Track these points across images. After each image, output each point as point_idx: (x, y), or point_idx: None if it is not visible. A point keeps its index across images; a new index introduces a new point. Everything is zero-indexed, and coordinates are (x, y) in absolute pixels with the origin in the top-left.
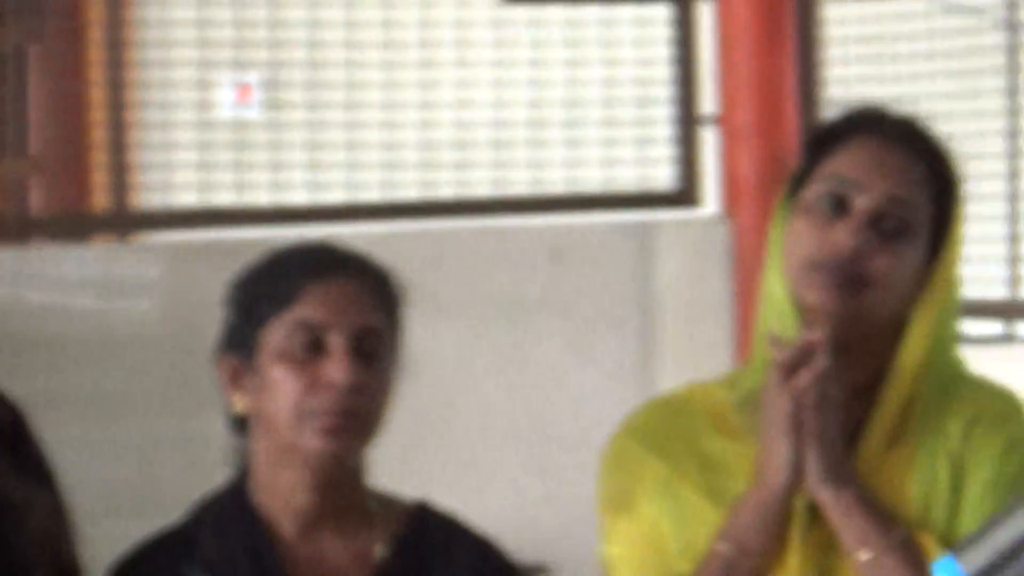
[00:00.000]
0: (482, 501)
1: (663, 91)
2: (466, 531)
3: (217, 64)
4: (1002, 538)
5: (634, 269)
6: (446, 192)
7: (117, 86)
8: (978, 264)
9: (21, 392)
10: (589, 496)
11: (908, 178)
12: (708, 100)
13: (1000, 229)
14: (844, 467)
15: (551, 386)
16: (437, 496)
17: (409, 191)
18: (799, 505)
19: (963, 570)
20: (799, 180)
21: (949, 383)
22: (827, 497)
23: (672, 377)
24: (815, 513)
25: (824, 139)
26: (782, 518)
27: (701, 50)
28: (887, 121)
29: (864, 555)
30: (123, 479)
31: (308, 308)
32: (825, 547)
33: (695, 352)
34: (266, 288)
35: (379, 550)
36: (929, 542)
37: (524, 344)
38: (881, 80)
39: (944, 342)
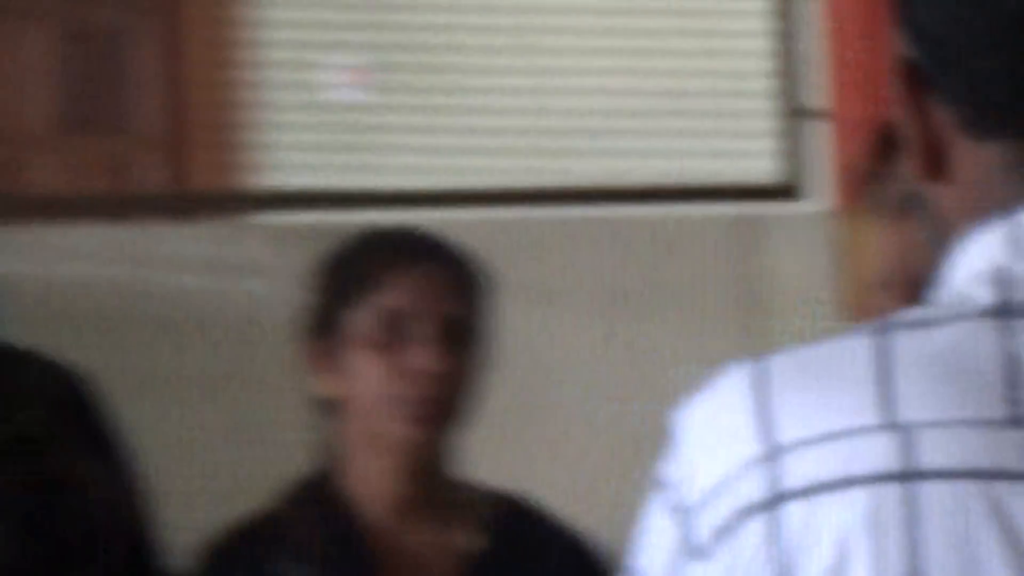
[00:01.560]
0: (575, 494)
1: (762, 84)
2: (562, 527)
3: (328, 46)
4: None
5: (738, 262)
6: (551, 179)
7: (223, 66)
8: None
9: (127, 371)
10: None
11: None
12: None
13: None
14: None
15: (658, 381)
16: (530, 489)
17: (516, 177)
18: None
19: None
20: None
21: None
22: None
23: None
24: None
25: None
26: None
27: (808, 41)
28: None
29: None
30: (222, 462)
31: (395, 294)
32: None
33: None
34: (353, 272)
35: (474, 541)
36: None
37: (626, 335)
38: None
39: None
